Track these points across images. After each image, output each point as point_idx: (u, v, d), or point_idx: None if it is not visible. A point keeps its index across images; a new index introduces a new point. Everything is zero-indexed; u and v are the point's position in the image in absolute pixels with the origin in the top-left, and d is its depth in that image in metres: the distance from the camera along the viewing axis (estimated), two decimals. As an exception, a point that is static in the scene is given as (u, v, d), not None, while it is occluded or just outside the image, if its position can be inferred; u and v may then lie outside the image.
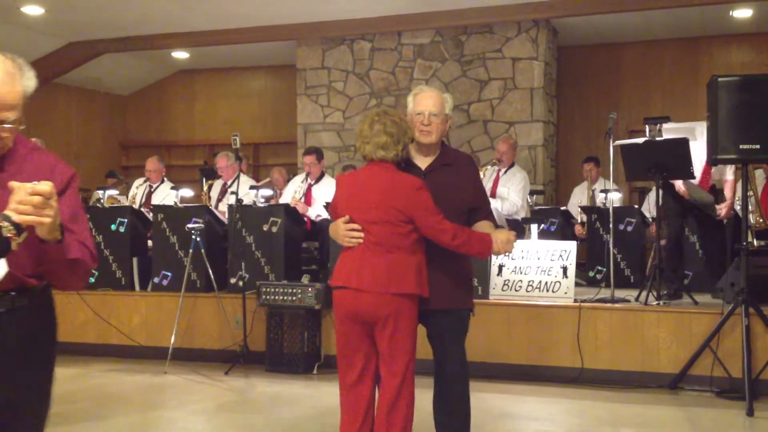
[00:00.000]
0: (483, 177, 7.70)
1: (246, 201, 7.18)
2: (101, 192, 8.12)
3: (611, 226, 6.66)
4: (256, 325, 6.61)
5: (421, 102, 3.63)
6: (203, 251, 6.73)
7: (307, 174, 7.87)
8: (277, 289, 6.43)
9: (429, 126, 3.59)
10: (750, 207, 6.18)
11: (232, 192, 7.31)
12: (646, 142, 6.21)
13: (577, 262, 6.46)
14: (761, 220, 6.61)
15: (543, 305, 6.20)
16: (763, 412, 5.08)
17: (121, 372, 6.59)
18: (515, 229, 7.57)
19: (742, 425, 4.95)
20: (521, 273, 6.41)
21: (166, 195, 8.38)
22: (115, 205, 8.14)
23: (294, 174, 9.25)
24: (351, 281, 3.46)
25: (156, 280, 7.24)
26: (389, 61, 10.44)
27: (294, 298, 6.36)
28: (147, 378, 6.36)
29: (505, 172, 8.16)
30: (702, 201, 6.51)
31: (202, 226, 6.80)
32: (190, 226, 6.81)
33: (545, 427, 4.97)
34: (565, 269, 6.31)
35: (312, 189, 7.80)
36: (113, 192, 8.65)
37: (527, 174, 8.55)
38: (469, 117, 10.08)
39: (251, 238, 6.95)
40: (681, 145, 6.00)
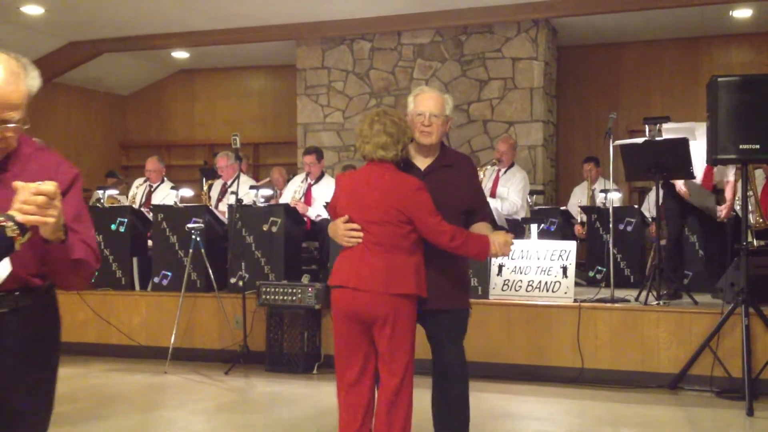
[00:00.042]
0: (483, 177, 7.71)
1: (246, 201, 7.19)
2: (101, 192, 8.12)
3: (611, 226, 6.66)
4: (256, 325, 6.61)
5: (422, 103, 3.63)
6: (203, 251, 6.73)
7: (307, 174, 7.88)
8: (277, 289, 6.43)
9: (430, 127, 3.59)
10: (750, 207, 6.18)
11: (232, 192, 7.31)
12: (645, 142, 6.21)
13: (577, 262, 6.46)
14: (761, 220, 6.60)
15: (543, 305, 6.19)
16: (763, 412, 5.08)
17: (121, 372, 6.59)
18: (515, 229, 7.60)
19: (742, 425, 4.95)
20: (521, 273, 6.41)
21: (166, 195, 8.39)
22: (115, 205, 8.15)
23: (294, 174, 9.25)
24: (350, 281, 3.46)
25: (156, 279, 7.24)
26: (389, 61, 10.44)
27: (294, 298, 6.36)
28: (147, 378, 6.36)
29: (505, 172, 8.16)
30: (702, 204, 6.51)
31: (202, 226, 6.81)
32: (190, 225, 6.81)
33: (545, 427, 4.97)
34: (565, 269, 6.31)
35: (312, 189, 7.80)
36: (113, 192, 8.65)
37: (527, 174, 8.55)
38: (469, 117, 10.08)
39: (251, 238, 6.96)
40: (681, 145, 6.00)
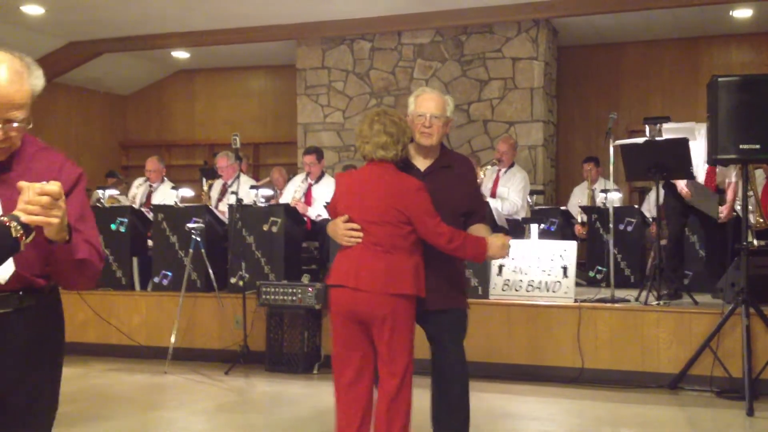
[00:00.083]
0: (483, 177, 7.71)
1: (246, 201, 7.19)
2: (101, 192, 8.13)
3: (611, 226, 6.65)
4: (256, 325, 6.61)
5: (423, 104, 3.63)
6: (203, 251, 6.73)
7: (307, 174, 7.88)
8: (277, 289, 6.43)
9: (430, 128, 3.59)
10: (750, 207, 6.17)
11: (232, 192, 7.31)
12: (646, 142, 6.21)
13: (577, 262, 6.46)
14: (761, 220, 6.60)
15: (543, 305, 6.19)
16: (763, 412, 5.08)
17: (121, 372, 6.59)
18: (515, 229, 7.60)
19: (742, 425, 4.94)
20: (521, 273, 6.40)
21: (166, 195, 8.38)
22: (115, 205, 8.14)
23: (294, 174, 9.25)
24: (349, 280, 3.46)
25: (156, 279, 7.24)
26: (389, 61, 10.44)
27: (294, 297, 6.36)
28: (147, 378, 6.36)
29: (505, 172, 8.16)
30: (704, 205, 6.49)
31: (202, 225, 6.80)
32: (190, 225, 6.81)
33: (545, 427, 4.97)
34: (565, 269, 6.31)
35: (312, 189, 7.80)
36: (113, 192, 8.64)
37: (527, 174, 8.55)
38: (469, 117, 10.07)
39: (251, 237, 6.95)
40: (681, 145, 6.00)
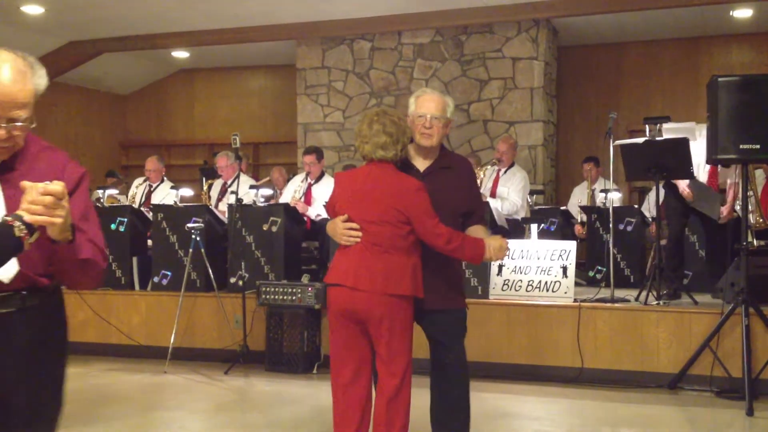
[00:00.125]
0: (483, 177, 7.71)
1: (246, 200, 7.18)
2: (101, 191, 8.13)
3: (611, 225, 6.65)
4: (255, 325, 6.61)
5: (424, 105, 3.63)
6: (203, 251, 6.73)
7: (307, 173, 7.88)
8: (277, 289, 6.43)
9: (430, 129, 3.59)
10: (750, 207, 6.17)
11: (232, 191, 7.31)
12: (646, 142, 6.21)
13: (577, 261, 6.46)
14: (761, 220, 6.60)
15: (543, 305, 6.19)
16: (763, 412, 5.08)
17: (121, 371, 6.59)
18: (515, 229, 7.60)
19: (741, 425, 4.94)
20: (521, 273, 6.40)
21: (165, 194, 8.39)
22: (115, 205, 8.15)
23: (294, 173, 9.25)
24: (347, 280, 3.46)
25: (156, 279, 7.23)
26: (389, 61, 10.44)
27: (294, 297, 6.36)
28: (147, 377, 6.36)
29: (505, 171, 8.15)
30: (705, 206, 6.49)
31: (201, 225, 6.80)
32: (189, 225, 6.81)
33: (545, 427, 4.96)
34: (565, 269, 6.31)
35: (312, 188, 7.80)
36: (113, 191, 8.65)
37: (527, 174, 8.55)
38: (469, 117, 10.07)
39: (251, 237, 6.95)
40: (681, 145, 6.00)
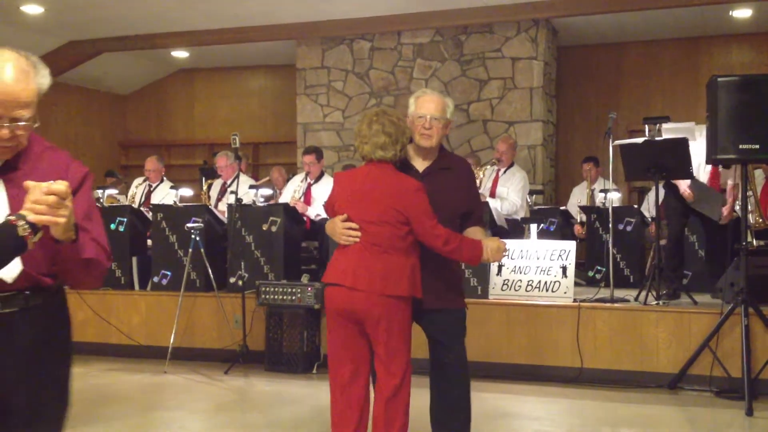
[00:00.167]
0: (482, 177, 7.71)
1: (245, 200, 7.19)
2: (101, 191, 8.13)
3: (611, 225, 6.65)
4: (255, 325, 6.61)
5: (424, 105, 3.63)
6: (203, 251, 6.73)
7: (307, 173, 7.88)
8: (277, 289, 6.43)
9: (430, 130, 3.60)
10: (750, 207, 6.17)
11: (231, 191, 7.31)
12: (645, 142, 6.21)
13: (577, 261, 6.46)
14: (761, 220, 6.60)
15: (542, 305, 6.19)
16: (763, 412, 5.08)
17: (121, 371, 6.59)
18: (515, 229, 7.60)
19: (741, 425, 4.94)
20: (521, 273, 6.40)
21: (165, 194, 8.39)
22: (115, 205, 8.15)
23: (293, 173, 9.25)
24: (346, 279, 3.46)
25: (155, 279, 7.24)
26: (389, 61, 10.44)
27: (293, 297, 6.36)
28: (146, 377, 6.36)
29: (505, 171, 8.15)
30: (705, 207, 6.49)
31: (201, 225, 6.80)
32: (189, 225, 6.81)
33: (545, 427, 4.96)
34: (565, 269, 6.31)
35: (311, 188, 7.80)
36: (113, 191, 8.65)
37: (527, 174, 8.55)
38: (469, 117, 10.07)
39: (251, 237, 6.95)
40: (680, 145, 6.00)
